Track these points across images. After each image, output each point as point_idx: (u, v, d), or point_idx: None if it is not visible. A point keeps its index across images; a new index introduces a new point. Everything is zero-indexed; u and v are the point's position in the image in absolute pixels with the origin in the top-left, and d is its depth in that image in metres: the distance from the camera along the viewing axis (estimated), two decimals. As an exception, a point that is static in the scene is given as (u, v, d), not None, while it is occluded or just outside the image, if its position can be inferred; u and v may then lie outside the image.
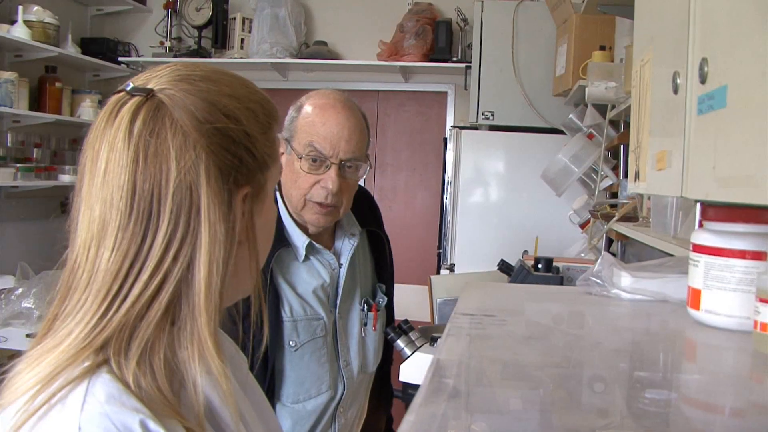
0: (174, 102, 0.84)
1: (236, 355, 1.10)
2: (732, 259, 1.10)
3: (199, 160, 0.82)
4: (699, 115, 0.88)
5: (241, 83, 0.93)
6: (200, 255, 0.82)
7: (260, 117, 0.91)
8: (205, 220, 0.82)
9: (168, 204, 0.81)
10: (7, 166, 4.17)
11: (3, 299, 3.67)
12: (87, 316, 0.81)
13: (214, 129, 0.84)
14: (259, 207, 0.92)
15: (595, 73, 2.57)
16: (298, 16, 4.95)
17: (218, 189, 0.83)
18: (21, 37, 4.12)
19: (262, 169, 0.91)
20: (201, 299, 0.82)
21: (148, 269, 0.81)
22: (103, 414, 0.75)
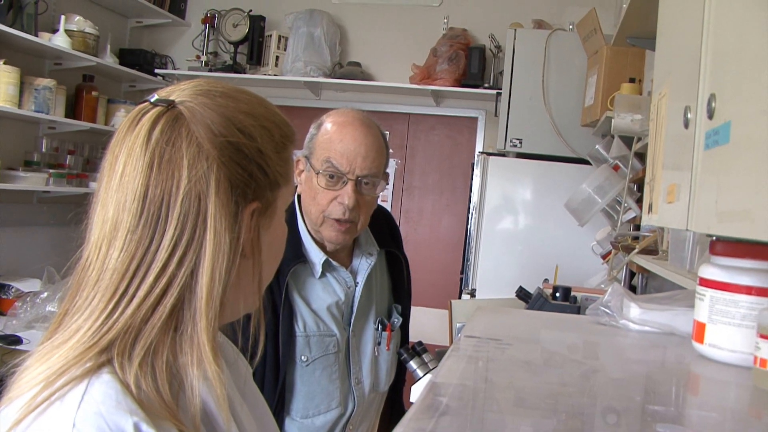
0: (192, 114, 0.87)
1: (238, 361, 1.12)
2: (737, 294, 1.10)
3: (210, 171, 0.85)
4: (706, 150, 0.88)
5: (259, 102, 0.97)
6: (204, 262, 0.85)
7: (275, 136, 0.95)
8: (211, 229, 0.85)
9: (176, 210, 0.84)
10: (41, 171, 4.25)
11: (28, 302, 3.72)
12: (95, 314, 0.84)
13: (228, 143, 0.87)
14: (266, 223, 0.95)
15: (622, 105, 2.57)
16: (333, 36, 5.00)
17: (226, 201, 0.86)
18: (61, 46, 4.21)
19: (273, 187, 0.94)
20: (202, 305, 0.84)
21: (154, 272, 0.84)
22: (98, 413, 0.77)
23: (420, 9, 5.09)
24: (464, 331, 1.31)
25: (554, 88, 4.05)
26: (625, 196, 2.83)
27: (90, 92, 4.63)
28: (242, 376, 1.11)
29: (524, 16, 4.64)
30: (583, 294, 2.48)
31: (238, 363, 1.12)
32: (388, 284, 2.07)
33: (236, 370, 1.10)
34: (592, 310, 1.46)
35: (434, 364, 2.00)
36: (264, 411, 1.13)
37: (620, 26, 2.14)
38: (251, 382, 1.14)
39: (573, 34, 3.98)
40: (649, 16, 1.82)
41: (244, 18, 5.09)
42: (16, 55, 4.09)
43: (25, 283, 3.99)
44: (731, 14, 0.86)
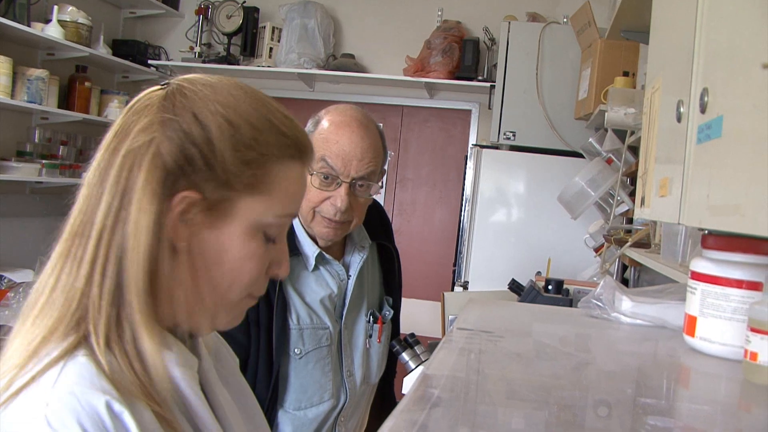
0: (166, 95, 0.90)
1: (222, 350, 1.12)
2: (728, 288, 1.11)
3: (150, 144, 0.86)
4: (698, 144, 0.89)
5: (252, 100, 0.93)
6: (129, 232, 0.85)
7: (243, 135, 0.90)
8: (136, 201, 0.85)
9: (113, 174, 0.87)
10: (33, 162, 4.25)
11: (21, 292, 3.72)
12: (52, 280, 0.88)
13: (175, 121, 0.88)
14: (210, 221, 0.90)
15: (615, 98, 2.58)
16: (327, 27, 5.00)
17: (156, 177, 0.86)
18: (54, 36, 4.20)
19: (221, 185, 0.89)
20: (130, 276, 0.85)
21: (95, 231, 0.86)
22: (71, 393, 0.78)
23: (414, 1, 5.09)
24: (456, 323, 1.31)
25: (548, 81, 4.06)
26: (618, 189, 2.84)
27: (83, 83, 4.61)
28: (228, 366, 1.11)
29: (518, 8, 4.64)
30: (575, 287, 2.49)
31: (223, 352, 1.12)
32: (379, 277, 2.07)
33: (222, 359, 1.10)
34: (584, 302, 1.46)
35: (426, 356, 2.01)
36: (250, 401, 1.13)
37: (614, 20, 2.14)
38: (238, 373, 1.15)
39: (567, 27, 3.99)
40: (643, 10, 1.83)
41: (238, 9, 5.08)
42: (8, 45, 4.08)
43: (18, 273, 3.99)
44: (724, 9, 0.86)
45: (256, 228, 0.93)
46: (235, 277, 0.93)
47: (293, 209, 0.97)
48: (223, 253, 0.91)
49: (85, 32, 4.49)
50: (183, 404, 0.90)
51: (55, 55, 4.46)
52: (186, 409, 0.90)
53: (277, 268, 0.99)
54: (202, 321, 0.94)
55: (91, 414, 0.77)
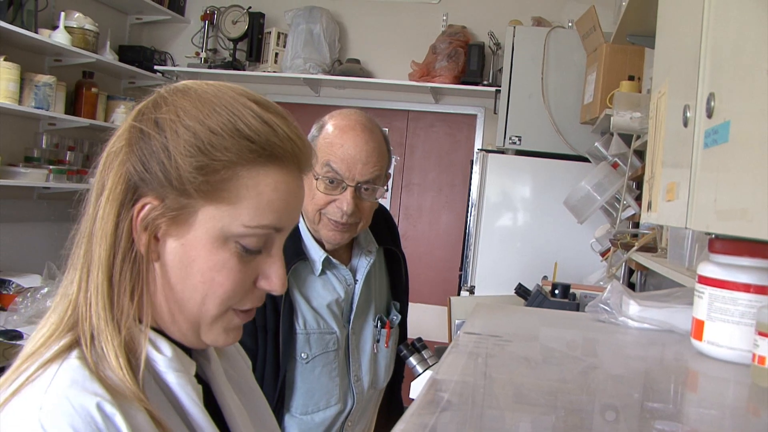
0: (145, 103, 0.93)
1: (236, 355, 1.13)
2: (736, 292, 1.11)
3: (118, 154, 0.89)
4: (705, 149, 0.89)
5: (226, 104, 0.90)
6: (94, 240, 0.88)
7: (199, 142, 0.87)
8: (102, 209, 0.88)
9: (95, 181, 0.90)
10: (41, 168, 4.26)
11: (29, 297, 3.73)
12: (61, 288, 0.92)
13: (138, 129, 0.89)
14: (173, 230, 0.89)
15: (621, 102, 2.58)
16: (332, 33, 5.01)
17: (120, 184, 0.88)
18: (61, 43, 4.22)
19: (180, 193, 0.87)
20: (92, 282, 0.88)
21: (83, 243, 0.90)
22: (63, 397, 0.80)
23: (419, 6, 5.10)
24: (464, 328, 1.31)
25: (553, 86, 4.06)
26: (624, 193, 2.84)
27: (90, 89, 4.63)
28: (239, 369, 1.11)
29: (524, 13, 4.65)
30: (582, 291, 2.49)
31: (235, 355, 1.13)
32: (386, 281, 2.08)
33: (233, 362, 1.10)
34: (591, 307, 1.46)
35: (433, 360, 2.01)
36: (261, 405, 1.14)
37: (620, 24, 2.15)
38: (249, 377, 1.15)
39: (572, 31, 3.99)
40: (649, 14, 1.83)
41: (244, 15, 5.10)
42: (16, 51, 4.10)
43: (26, 278, 4.00)
44: (730, 14, 0.87)
45: (223, 238, 0.89)
46: (208, 290, 0.90)
47: (271, 220, 0.90)
48: (191, 263, 0.89)
49: (91, 38, 4.51)
50: (180, 409, 0.90)
51: (62, 61, 4.49)
52: (183, 414, 0.91)
53: (266, 281, 0.94)
54: (187, 333, 0.93)
55: (84, 417, 0.79)
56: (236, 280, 0.90)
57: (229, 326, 0.94)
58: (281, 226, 0.92)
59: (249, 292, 0.93)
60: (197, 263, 0.89)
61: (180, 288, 0.90)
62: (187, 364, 0.94)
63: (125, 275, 0.88)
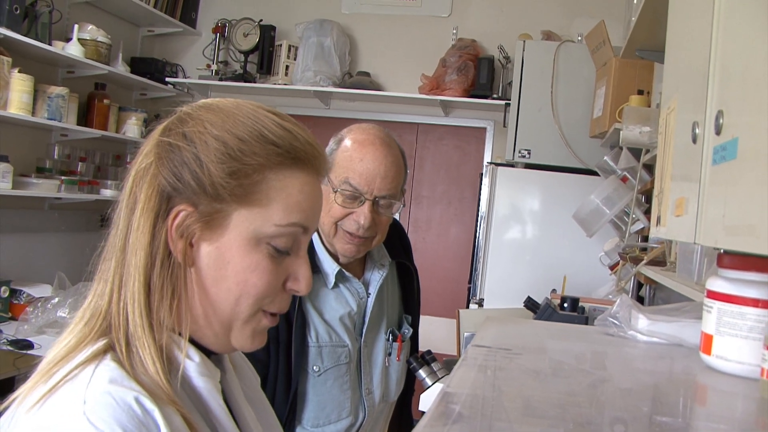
0: (169, 120, 0.97)
1: (246, 369, 1.15)
2: (745, 306, 1.11)
3: (149, 168, 0.92)
4: (713, 165, 0.90)
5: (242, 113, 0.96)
6: (129, 250, 0.91)
7: (228, 147, 0.92)
8: (136, 220, 0.91)
9: (124, 200, 0.93)
10: (52, 178, 4.29)
11: (39, 307, 3.75)
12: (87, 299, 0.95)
13: (167, 143, 0.93)
14: (207, 234, 0.93)
15: (630, 117, 2.59)
16: (343, 46, 5.03)
17: (154, 196, 0.91)
18: (74, 55, 4.26)
19: (213, 199, 0.92)
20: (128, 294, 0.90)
21: (114, 257, 0.92)
22: (105, 392, 0.82)
23: (429, 19, 5.12)
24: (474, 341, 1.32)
25: (563, 100, 4.07)
26: (634, 207, 2.85)
27: (102, 100, 4.67)
28: (250, 382, 1.13)
29: (533, 27, 4.67)
30: (591, 305, 2.50)
31: (245, 369, 1.15)
32: (398, 295, 2.08)
33: (244, 375, 1.12)
34: (600, 320, 1.47)
35: (443, 372, 2.01)
36: (272, 419, 1.15)
37: (629, 39, 2.15)
38: (259, 391, 1.17)
39: (582, 45, 4.01)
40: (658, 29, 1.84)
41: (255, 27, 5.13)
42: (30, 63, 4.13)
43: (37, 288, 4.03)
44: (738, 31, 0.88)
45: (257, 239, 0.94)
46: (242, 291, 0.94)
47: (300, 218, 0.96)
48: (226, 265, 0.93)
49: (104, 50, 4.55)
50: (206, 413, 0.93)
51: (74, 73, 4.53)
52: (209, 418, 0.93)
53: (294, 282, 0.99)
54: (220, 335, 0.97)
55: (127, 410, 0.81)
56: (268, 280, 0.95)
57: (258, 328, 0.98)
58: (308, 225, 0.98)
59: (278, 293, 0.98)
60: (231, 265, 0.93)
61: (215, 290, 0.94)
62: (213, 371, 0.97)
63: (163, 283, 0.91)
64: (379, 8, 5.19)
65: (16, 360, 3.25)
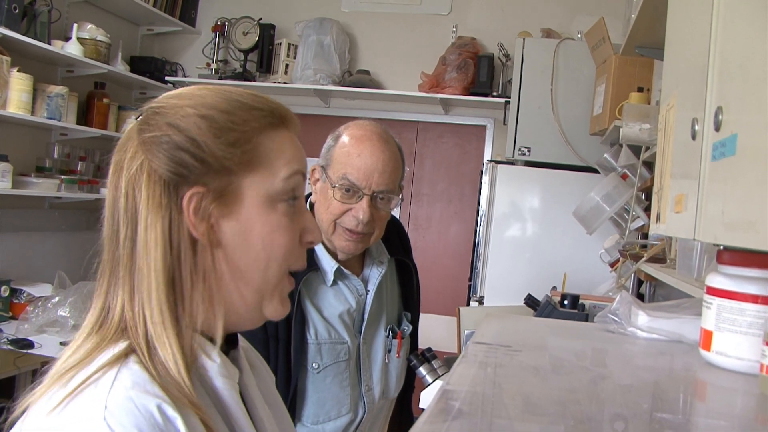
0: (141, 121, 0.95)
1: (262, 368, 1.15)
2: (744, 302, 1.12)
3: (142, 168, 0.91)
4: (713, 161, 0.90)
5: (216, 92, 0.98)
6: (139, 253, 0.90)
7: (218, 122, 0.94)
8: (142, 221, 0.90)
9: (121, 207, 0.92)
10: (52, 177, 4.30)
11: (40, 306, 3.75)
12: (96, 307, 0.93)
13: (152, 137, 0.92)
14: (224, 210, 0.94)
15: (630, 114, 2.59)
16: (342, 44, 5.03)
17: (155, 192, 0.90)
18: (74, 54, 4.26)
19: (219, 173, 0.93)
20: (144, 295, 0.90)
21: (122, 266, 0.91)
22: (127, 398, 0.81)
23: (429, 17, 5.12)
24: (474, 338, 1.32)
25: (563, 97, 4.07)
26: (634, 204, 2.85)
27: (101, 99, 4.67)
28: (265, 381, 1.13)
29: (533, 25, 4.66)
30: (591, 302, 2.50)
31: (261, 369, 1.14)
32: (398, 292, 2.09)
33: (259, 375, 1.12)
34: (600, 317, 1.47)
35: (443, 370, 2.02)
36: (286, 417, 1.15)
37: (629, 36, 2.16)
38: (275, 390, 1.17)
39: (582, 43, 4.00)
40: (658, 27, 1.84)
41: (254, 26, 5.13)
42: (29, 62, 4.13)
43: (37, 287, 4.03)
44: (738, 28, 0.88)
45: (271, 199, 0.97)
46: (270, 254, 0.97)
47: (299, 165, 1.01)
48: (250, 234, 0.95)
49: (103, 49, 4.55)
50: (225, 414, 0.93)
51: (74, 72, 4.53)
52: (228, 420, 0.93)
53: (309, 234, 1.02)
54: (253, 307, 0.98)
55: (148, 418, 0.80)
56: (291, 237, 0.99)
57: (284, 294, 1.02)
58: (305, 170, 1.03)
59: (298, 249, 1.01)
60: (255, 231, 0.96)
61: (244, 262, 0.95)
62: (233, 371, 0.97)
63: (191, 274, 0.91)
64: (378, 6, 5.19)
65: (16, 359, 3.25)
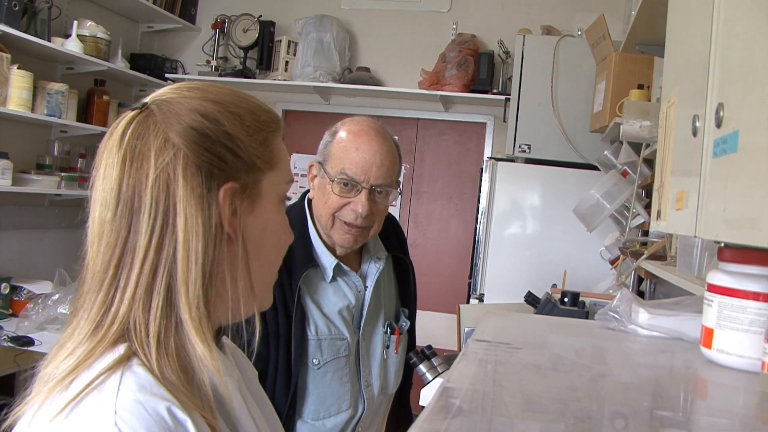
0: (160, 109, 0.93)
1: (246, 365, 1.14)
2: (745, 300, 1.11)
3: (177, 158, 0.89)
4: (714, 158, 0.90)
5: (230, 92, 1.00)
6: (179, 244, 0.88)
7: (247, 121, 0.96)
8: (181, 212, 0.88)
9: (147, 198, 0.88)
10: (52, 175, 4.29)
11: (40, 304, 3.76)
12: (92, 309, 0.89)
13: (190, 128, 0.91)
14: (249, 206, 0.96)
15: (630, 111, 2.58)
16: (342, 41, 5.03)
17: (195, 184, 0.89)
18: (74, 51, 4.26)
19: (250, 169, 0.96)
20: (181, 288, 0.88)
21: (138, 260, 0.88)
22: (137, 401, 0.81)
23: (429, 15, 5.11)
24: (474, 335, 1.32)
25: (563, 94, 4.07)
26: (634, 201, 2.85)
27: (101, 96, 4.67)
28: (249, 378, 1.13)
29: (533, 22, 4.66)
30: (591, 299, 2.49)
31: (245, 365, 1.14)
32: (395, 288, 2.10)
33: (244, 370, 1.12)
34: (600, 315, 1.47)
35: (443, 368, 2.02)
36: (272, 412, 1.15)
37: (629, 33, 2.15)
38: (259, 386, 1.16)
39: (582, 40, 4.00)
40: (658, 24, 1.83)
41: (254, 23, 5.12)
42: (29, 59, 4.13)
43: (37, 285, 4.03)
44: (739, 24, 0.87)
45: (280, 199, 1.02)
46: (279, 250, 1.03)
47: (291, 174, 1.06)
48: (264, 231, 0.99)
49: (103, 46, 4.54)
50: (227, 415, 0.92)
51: (74, 69, 4.52)
52: (230, 421, 0.92)
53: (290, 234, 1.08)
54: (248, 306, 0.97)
55: (158, 420, 0.80)
56: (291, 235, 1.06)
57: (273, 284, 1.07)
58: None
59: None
60: (269, 228, 1.00)
61: (260, 257, 0.99)
62: (233, 370, 0.97)
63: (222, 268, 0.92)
64: (378, 3, 5.18)
65: (16, 357, 3.25)
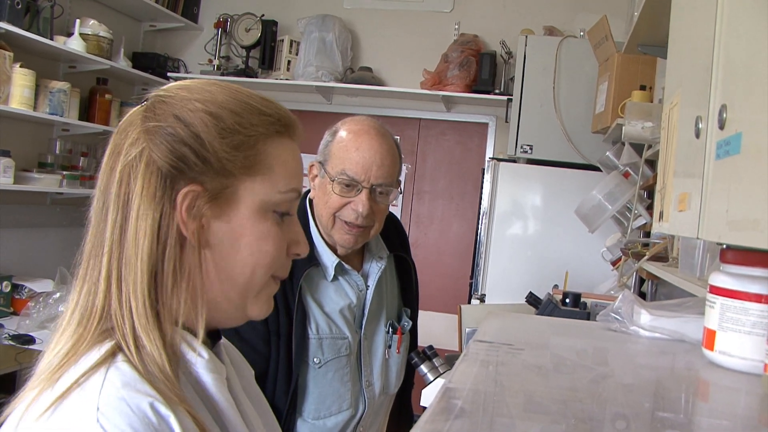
0: (146, 107, 0.94)
1: (242, 363, 1.14)
2: (748, 302, 1.11)
3: (142, 154, 0.90)
4: (717, 160, 0.90)
5: (226, 91, 0.97)
6: (128, 241, 0.89)
7: (225, 123, 0.93)
8: (134, 209, 0.89)
9: (113, 191, 0.90)
10: (54, 173, 4.30)
11: (41, 302, 3.76)
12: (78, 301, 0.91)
13: (158, 127, 0.91)
14: (218, 212, 0.93)
15: (633, 112, 2.58)
16: (345, 41, 5.03)
17: (152, 182, 0.89)
18: (76, 50, 4.26)
19: (220, 174, 0.92)
20: (130, 286, 0.88)
21: (106, 252, 0.89)
22: (119, 398, 0.81)
23: (431, 15, 5.11)
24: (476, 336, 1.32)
25: (565, 95, 4.07)
26: (636, 202, 2.84)
27: (103, 95, 4.67)
28: (245, 377, 1.13)
29: (535, 22, 4.66)
30: (593, 300, 2.49)
31: (241, 364, 1.14)
32: (397, 288, 2.09)
33: (240, 369, 1.12)
34: (602, 316, 1.47)
35: (444, 368, 2.02)
36: (268, 412, 1.15)
37: (631, 34, 2.15)
38: (254, 384, 1.16)
39: (584, 41, 4.00)
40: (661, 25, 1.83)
41: (257, 22, 5.12)
42: (31, 58, 4.13)
43: (38, 283, 4.03)
44: (742, 26, 0.87)
45: (265, 208, 0.96)
46: (257, 260, 0.96)
47: (297, 184, 1.00)
48: (239, 239, 0.94)
49: (106, 45, 4.55)
50: (215, 411, 0.92)
51: (76, 68, 4.53)
52: (218, 416, 0.92)
53: (296, 247, 1.02)
54: (237, 307, 0.97)
55: (142, 417, 0.80)
56: (279, 246, 0.98)
57: (270, 294, 1.01)
58: (301, 189, 1.02)
59: (283, 259, 1.01)
60: (245, 237, 0.95)
61: (230, 265, 0.95)
62: (220, 367, 0.96)
63: (174, 269, 0.90)
64: (381, 3, 5.18)
65: (17, 355, 3.25)
